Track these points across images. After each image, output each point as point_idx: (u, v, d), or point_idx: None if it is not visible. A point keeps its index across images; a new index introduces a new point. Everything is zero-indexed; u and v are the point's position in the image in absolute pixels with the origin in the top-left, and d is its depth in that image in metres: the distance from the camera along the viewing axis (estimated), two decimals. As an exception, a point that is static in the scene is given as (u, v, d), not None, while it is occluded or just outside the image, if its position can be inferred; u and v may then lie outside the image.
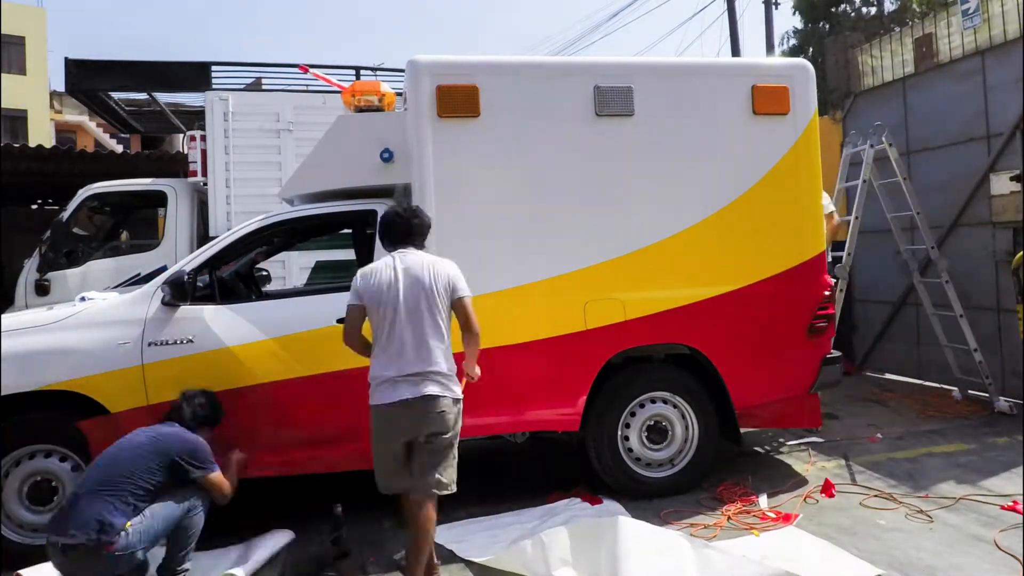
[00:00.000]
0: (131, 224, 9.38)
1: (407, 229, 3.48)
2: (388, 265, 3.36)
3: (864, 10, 18.93)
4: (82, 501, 3.08)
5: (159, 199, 7.39)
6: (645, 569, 3.31)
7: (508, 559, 3.53)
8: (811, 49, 18.10)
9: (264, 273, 5.71)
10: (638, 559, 3.35)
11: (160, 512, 3.21)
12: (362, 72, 10.05)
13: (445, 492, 3.28)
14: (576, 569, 3.39)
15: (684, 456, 4.55)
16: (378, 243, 4.26)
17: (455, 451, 3.35)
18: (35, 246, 6.96)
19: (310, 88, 9.20)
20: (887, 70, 8.09)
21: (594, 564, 3.40)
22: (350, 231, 5.13)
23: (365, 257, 4.52)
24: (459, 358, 3.42)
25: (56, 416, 3.87)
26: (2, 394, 3.68)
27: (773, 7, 15.84)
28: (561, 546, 3.46)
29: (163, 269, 4.82)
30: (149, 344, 3.89)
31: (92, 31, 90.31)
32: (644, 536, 3.54)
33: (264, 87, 10.64)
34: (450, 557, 3.71)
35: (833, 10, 18.84)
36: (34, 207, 12.69)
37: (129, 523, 3.08)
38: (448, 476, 3.29)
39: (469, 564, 3.63)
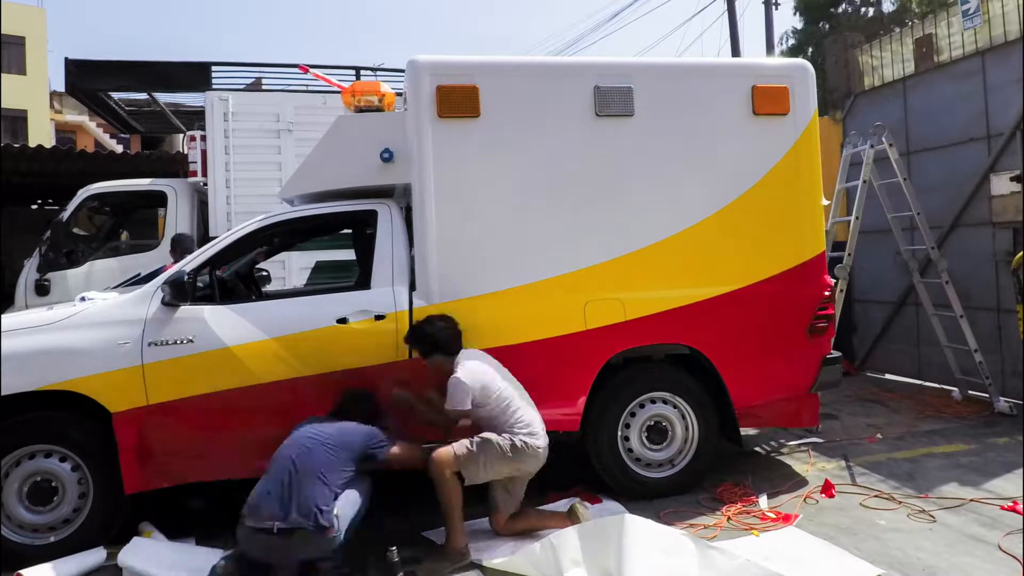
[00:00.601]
0: (131, 224, 9.39)
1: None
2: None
3: (863, 10, 18.96)
4: (289, 489, 3.22)
5: (159, 199, 7.40)
6: (649, 568, 3.31)
7: (519, 562, 3.53)
8: (811, 49, 18.13)
9: (264, 273, 5.71)
10: (643, 558, 3.35)
11: (353, 498, 3.42)
12: (362, 72, 10.05)
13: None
14: (587, 570, 3.39)
15: (684, 456, 4.55)
16: (378, 243, 4.29)
17: None
18: (35, 246, 6.96)
19: (310, 88, 9.20)
20: (887, 70, 8.09)
21: (603, 563, 3.40)
22: (350, 231, 5.13)
23: (365, 257, 4.52)
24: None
25: (56, 416, 3.86)
26: (2, 394, 3.68)
27: (773, 7, 15.87)
28: (571, 547, 3.46)
29: (163, 269, 4.81)
30: (149, 344, 3.89)
31: (92, 31, 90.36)
32: (650, 534, 3.53)
33: (264, 87, 10.65)
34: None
35: (832, 11, 18.87)
36: (34, 207, 12.71)
37: (337, 510, 3.27)
38: None
39: (477, 567, 3.62)
